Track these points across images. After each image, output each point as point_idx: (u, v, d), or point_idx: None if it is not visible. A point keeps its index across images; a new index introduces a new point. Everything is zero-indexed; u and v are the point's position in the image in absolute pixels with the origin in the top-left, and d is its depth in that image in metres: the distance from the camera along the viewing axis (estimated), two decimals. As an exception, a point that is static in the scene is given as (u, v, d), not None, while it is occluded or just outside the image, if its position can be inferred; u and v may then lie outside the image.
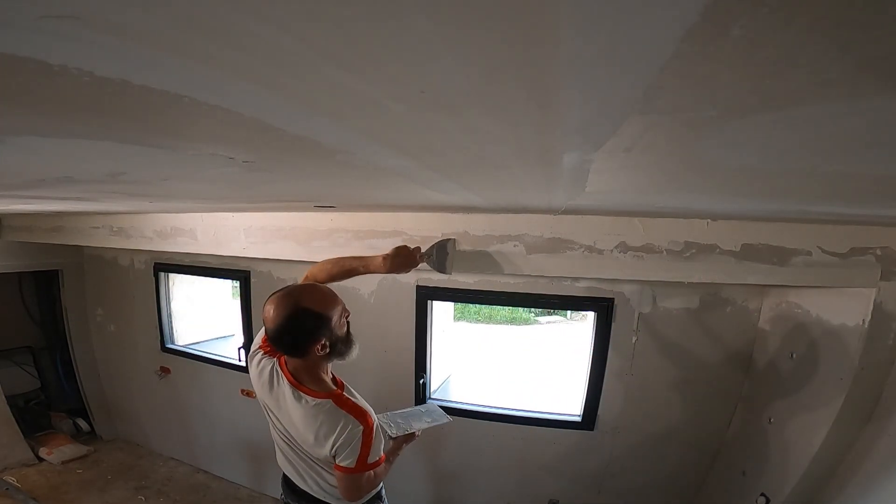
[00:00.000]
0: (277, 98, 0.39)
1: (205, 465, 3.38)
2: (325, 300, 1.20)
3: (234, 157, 0.65)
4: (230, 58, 0.30)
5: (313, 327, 1.16)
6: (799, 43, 0.26)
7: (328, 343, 1.19)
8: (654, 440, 2.17)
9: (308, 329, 1.16)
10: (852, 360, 1.48)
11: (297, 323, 1.15)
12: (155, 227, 2.57)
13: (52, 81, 0.33)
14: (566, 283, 2.11)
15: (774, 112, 0.38)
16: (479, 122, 0.46)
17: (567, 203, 1.20)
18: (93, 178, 0.88)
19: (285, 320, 1.15)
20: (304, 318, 1.15)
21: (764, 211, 1.21)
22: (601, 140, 0.50)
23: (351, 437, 1.19)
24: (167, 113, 0.42)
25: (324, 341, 1.18)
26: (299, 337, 1.17)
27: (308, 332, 1.16)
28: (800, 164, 0.59)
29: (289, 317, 1.15)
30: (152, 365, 3.40)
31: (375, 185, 0.97)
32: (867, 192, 0.76)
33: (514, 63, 0.31)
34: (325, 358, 1.22)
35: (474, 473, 2.51)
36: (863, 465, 1.53)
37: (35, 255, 3.39)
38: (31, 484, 3.06)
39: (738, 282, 1.63)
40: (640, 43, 0.27)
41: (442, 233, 1.86)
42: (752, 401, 1.96)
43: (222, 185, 0.99)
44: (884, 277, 1.43)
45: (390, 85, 0.36)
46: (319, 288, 1.24)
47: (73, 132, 0.50)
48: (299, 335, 1.17)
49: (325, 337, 1.18)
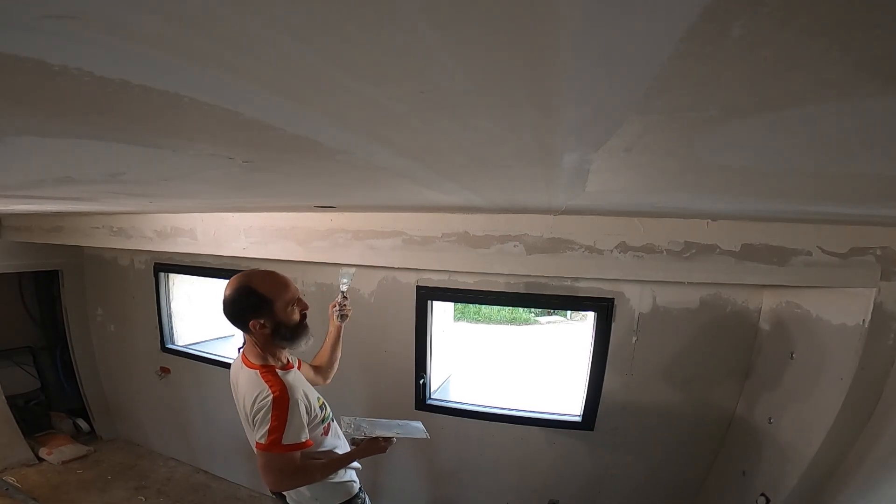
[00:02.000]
0: (277, 98, 0.39)
1: (205, 465, 3.38)
2: (272, 286, 1.32)
3: (234, 157, 0.65)
4: (230, 58, 0.30)
5: (253, 306, 1.28)
6: (799, 43, 0.26)
7: (267, 324, 1.29)
8: (654, 440, 2.17)
9: (248, 306, 1.29)
10: (852, 360, 1.48)
11: (240, 298, 1.29)
12: (155, 227, 2.57)
13: (52, 81, 0.33)
14: (566, 283, 2.11)
15: (775, 112, 0.38)
16: (478, 122, 0.46)
17: (567, 203, 1.20)
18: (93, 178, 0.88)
19: (233, 293, 1.30)
20: (246, 296, 1.29)
21: (764, 211, 1.21)
22: (601, 140, 0.50)
23: (262, 405, 1.24)
24: (167, 113, 0.42)
25: (262, 321, 1.29)
26: (239, 311, 1.30)
27: (248, 308, 1.29)
28: (800, 164, 0.59)
29: (235, 290, 1.30)
30: (152, 365, 3.40)
31: (375, 185, 0.97)
32: (867, 192, 0.76)
33: (513, 63, 0.31)
34: (267, 338, 1.33)
35: (474, 473, 2.51)
36: (863, 465, 1.53)
37: (35, 255, 3.39)
38: (31, 484, 3.06)
39: (738, 282, 1.63)
40: (639, 43, 0.27)
41: (442, 233, 1.86)
42: (752, 401, 1.96)
43: (222, 185, 0.99)
44: (884, 277, 1.43)
45: (390, 85, 0.36)
46: (273, 275, 1.35)
47: (73, 132, 0.50)
48: (239, 309, 1.30)
49: (264, 318, 1.29)
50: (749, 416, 1.96)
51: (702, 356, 2.02)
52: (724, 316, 1.97)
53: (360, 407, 2.58)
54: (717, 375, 2.03)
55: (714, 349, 2.01)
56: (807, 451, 1.60)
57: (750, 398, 1.97)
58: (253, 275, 1.33)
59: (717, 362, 2.02)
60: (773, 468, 1.76)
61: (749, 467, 1.90)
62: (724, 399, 2.05)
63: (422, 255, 1.90)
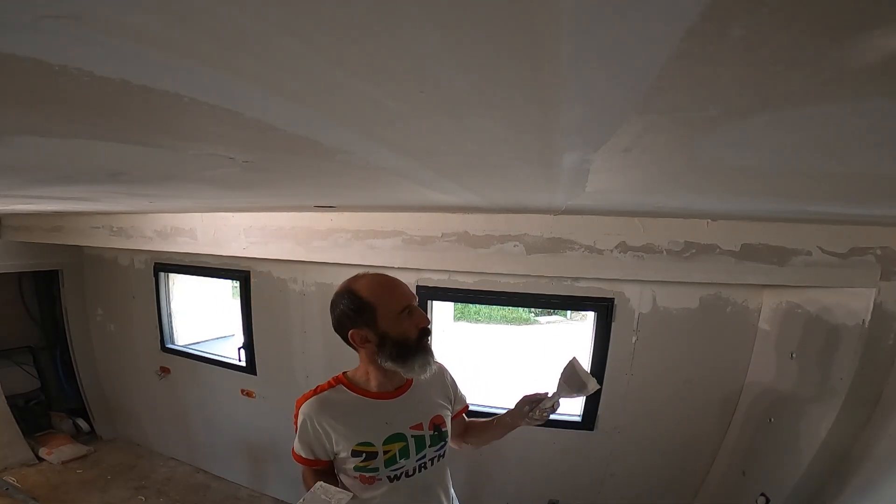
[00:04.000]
0: (277, 98, 0.39)
1: (205, 465, 3.38)
2: (377, 288, 1.08)
3: (234, 157, 0.65)
4: (230, 58, 0.30)
5: (352, 311, 1.06)
6: (799, 43, 0.26)
7: (370, 336, 1.06)
8: (654, 440, 2.17)
9: (346, 312, 1.07)
10: (852, 360, 1.48)
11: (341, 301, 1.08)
12: (155, 227, 2.57)
13: (52, 81, 0.33)
14: (566, 283, 2.11)
15: (774, 112, 0.38)
16: (478, 122, 0.46)
17: (567, 203, 1.20)
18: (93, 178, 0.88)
19: (334, 297, 1.11)
20: (346, 299, 1.07)
21: (764, 211, 1.21)
22: (601, 140, 0.50)
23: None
24: (167, 113, 0.42)
25: (364, 332, 1.06)
26: (337, 319, 1.10)
27: (346, 315, 1.07)
28: (800, 164, 0.59)
29: (337, 293, 1.10)
30: (152, 365, 3.40)
31: (375, 185, 0.97)
32: (867, 192, 0.76)
33: (513, 63, 0.31)
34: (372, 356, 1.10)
35: (473, 473, 2.51)
36: (863, 465, 1.53)
37: (35, 255, 3.39)
38: (31, 484, 3.06)
39: (738, 282, 1.63)
40: (639, 43, 0.27)
41: (442, 233, 1.86)
42: (752, 401, 1.96)
43: (222, 185, 0.99)
44: (884, 277, 1.43)
45: (390, 84, 0.36)
46: (382, 277, 1.11)
47: (72, 132, 0.50)
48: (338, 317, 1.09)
49: (366, 327, 1.06)
50: (749, 416, 1.96)
51: (702, 356, 2.03)
52: (724, 316, 1.97)
53: (360, 407, 2.58)
54: (717, 375, 2.03)
55: (714, 349, 2.01)
56: (807, 451, 1.60)
57: (750, 398, 1.97)
58: (360, 276, 1.12)
59: (717, 362, 2.02)
60: (773, 468, 1.76)
61: (749, 467, 1.89)
62: (724, 399, 2.05)
63: (422, 255, 1.90)
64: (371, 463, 1.09)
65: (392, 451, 1.10)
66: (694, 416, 2.09)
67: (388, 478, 1.11)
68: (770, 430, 1.81)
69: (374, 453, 1.09)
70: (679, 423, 2.11)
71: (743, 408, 2.01)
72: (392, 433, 1.11)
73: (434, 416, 1.19)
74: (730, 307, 1.96)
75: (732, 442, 2.05)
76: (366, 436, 1.10)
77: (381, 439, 1.10)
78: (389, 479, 1.11)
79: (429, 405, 1.20)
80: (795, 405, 1.71)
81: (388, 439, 1.11)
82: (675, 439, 2.14)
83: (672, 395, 2.09)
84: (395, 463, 1.11)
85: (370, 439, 1.09)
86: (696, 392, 2.06)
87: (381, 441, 1.10)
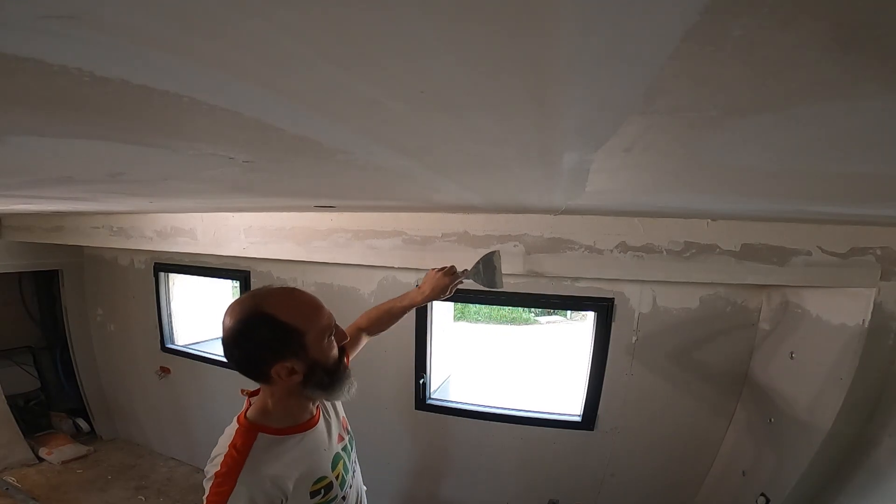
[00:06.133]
0: (277, 98, 0.39)
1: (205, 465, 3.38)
2: (299, 308, 0.88)
3: (234, 157, 0.65)
4: (230, 58, 0.30)
5: (275, 341, 0.84)
6: (799, 43, 0.26)
7: (297, 368, 0.87)
8: (654, 440, 2.17)
9: (266, 344, 0.84)
10: (852, 360, 1.48)
11: (252, 332, 0.84)
12: (155, 227, 2.57)
13: (52, 81, 0.33)
14: (566, 283, 2.11)
15: (774, 112, 0.38)
16: (478, 122, 0.46)
17: (567, 203, 1.20)
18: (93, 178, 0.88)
19: (239, 326, 0.84)
20: (262, 328, 0.84)
21: (764, 211, 1.21)
22: (601, 140, 0.50)
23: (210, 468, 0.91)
24: (167, 113, 0.42)
25: (290, 364, 0.86)
26: (254, 354, 0.86)
27: (266, 347, 0.85)
28: (800, 164, 0.59)
29: (244, 321, 0.84)
30: (152, 365, 3.40)
31: (375, 185, 0.97)
32: (867, 192, 0.76)
33: (513, 62, 0.31)
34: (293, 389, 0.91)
35: (474, 473, 2.51)
36: (863, 465, 1.53)
37: (35, 255, 3.39)
38: (31, 484, 3.06)
39: (738, 282, 1.63)
40: (640, 42, 0.27)
41: (442, 233, 1.86)
42: (752, 401, 1.96)
43: (222, 185, 0.99)
44: (884, 277, 1.43)
45: (390, 84, 0.36)
46: (297, 293, 0.92)
47: (73, 132, 0.50)
48: (254, 351, 0.85)
49: (293, 358, 0.86)
50: (749, 416, 1.96)
51: (702, 356, 2.03)
52: (724, 316, 1.97)
53: (359, 406, 2.57)
54: (717, 375, 2.03)
55: (714, 349, 2.01)
56: (807, 450, 1.60)
57: (750, 398, 1.98)
58: (266, 297, 0.87)
59: (717, 362, 2.02)
60: (773, 468, 1.76)
61: (749, 467, 1.89)
62: (724, 399, 2.05)
63: (422, 255, 1.90)
64: (330, 494, 0.98)
65: (339, 472, 1.02)
66: (694, 416, 2.09)
67: (342, 498, 1.02)
68: (770, 430, 1.81)
69: (330, 484, 0.98)
70: (679, 423, 2.11)
71: (743, 408, 2.01)
72: (332, 455, 1.02)
73: (342, 420, 1.14)
74: (730, 307, 1.96)
75: (732, 442, 2.05)
76: (318, 472, 0.97)
77: (330, 467, 1.00)
78: (343, 499, 1.02)
79: (334, 412, 1.11)
80: (795, 405, 1.71)
81: (333, 463, 1.01)
82: (676, 439, 2.14)
83: (672, 395, 2.09)
84: (345, 482, 1.03)
85: (323, 473, 0.97)
86: (696, 392, 2.06)
87: (331, 468, 0.99)
